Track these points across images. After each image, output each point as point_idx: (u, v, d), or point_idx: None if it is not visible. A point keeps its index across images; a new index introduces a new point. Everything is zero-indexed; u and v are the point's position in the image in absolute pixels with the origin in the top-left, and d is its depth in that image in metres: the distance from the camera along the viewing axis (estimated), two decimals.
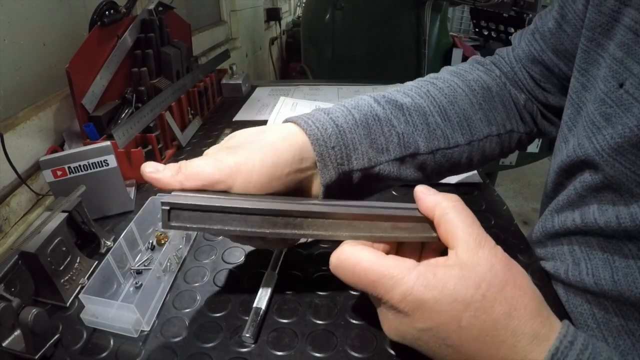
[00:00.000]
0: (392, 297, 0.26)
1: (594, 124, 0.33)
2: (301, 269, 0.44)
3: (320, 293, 0.40)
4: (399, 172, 0.37)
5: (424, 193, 0.30)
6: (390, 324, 0.29)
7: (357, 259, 0.28)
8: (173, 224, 0.29)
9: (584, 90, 0.36)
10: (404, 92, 0.41)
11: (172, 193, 0.30)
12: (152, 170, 0.31)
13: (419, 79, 0.44)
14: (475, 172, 0.61)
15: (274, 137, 0.33)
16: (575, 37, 0.39)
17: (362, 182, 0.36)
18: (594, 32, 0.34)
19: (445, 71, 0.46)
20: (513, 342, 0.24)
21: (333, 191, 0.35)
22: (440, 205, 0.29)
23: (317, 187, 0.34)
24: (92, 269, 0.44)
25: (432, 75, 0.45)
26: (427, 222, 0.30)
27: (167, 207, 0.29)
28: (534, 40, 0.43)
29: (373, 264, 0.27)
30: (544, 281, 0.41)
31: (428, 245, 0.33)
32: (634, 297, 0.30)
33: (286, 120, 0.36)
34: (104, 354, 0.35)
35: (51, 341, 0.34)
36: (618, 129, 0.30)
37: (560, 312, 0.38)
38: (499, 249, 0.27)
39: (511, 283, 0.25)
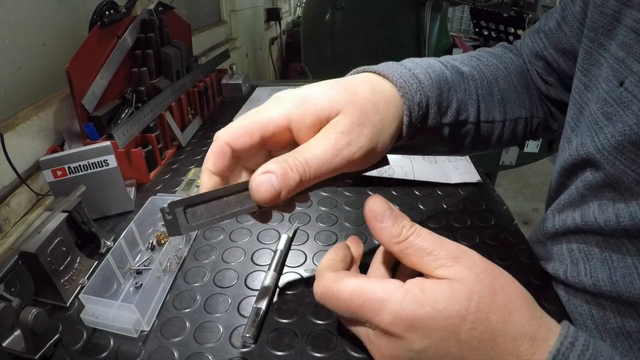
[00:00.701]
0: (381, 320, 0.25)
1: (597, 123, 0.33)
2: (301, 269, 0.44)
3: None
4: (453, 135, 0.37)
5: (377, 224, 0.28)
6: (384, 352, 0.27)
7: (341, 285, 0.27)
8: (193, 224, 0.26)
9: (586, 90, 0.36)
10: (461, 60, 0.41)
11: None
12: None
13: (465, 53, 0.45)
14: (475, 172, 0.61)
15: (352, 92, 0.29)
16: (572, 37, 0.41)
17: (425, 139, 0.36)
18: (596, 33, 0.34)
19: (482, 51, 0.47)
20: (514, 348, 0.24)
21: (402, 145, 0.35)
22: (398, 239, 0.27)
23: (382, 148, 0.30)
24: (92, 269, 0.44)
25: (473, 52, 0.46)
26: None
27: (182, 207, 0.25)
28: (538, 38, 0.46)
29: (356, 287, 0.26)
30: (543, 281, 0.41)
31: (401, 271, 0.32)
32: (632, 297, 0.30)
33: (365, 70, 0.33)
34: (104, 354, 0.35)
35: (51, 341, 0.34)
36: (618, 127, 0.30)
37: (561, 312, 0.38)
38: (476, 255, 0.27)
39: (500, 290, 0.25)
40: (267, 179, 0.24)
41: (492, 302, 0.24)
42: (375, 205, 0.28)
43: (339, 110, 0.27)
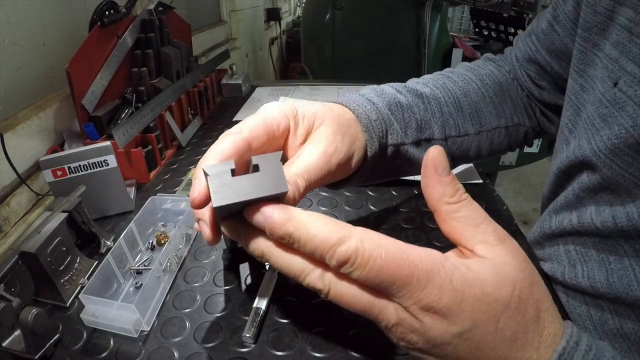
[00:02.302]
0: (428, 294, 0.22)
1: (593, 125, 0.33)
2: None
3: None
4: (419, 155, 0.39)
5: (435, 175, 0.25)
6: (420, 333, 0.23)
7: (382, 250, 0.22)
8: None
9: (582, 91, 0.36)
10: (423, 83, 0.43)
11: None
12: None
13: (437, 72, 0.47)
14: (475, 172, 0.61)
15: (329, 109, 0.34)
16: (565, 37, 0.41)
17: (393, 160, 0.38)
18: (590, 33, 0.34)
19: (461, 66, 0.48)
20: (538, 345, 0.23)
21: (373, 166, 0.36)
22: (451, 199, 0.25)
23: (356, 161, 0.34)
24: (92, 269, 0.44)
25: (448, 69, 0.48)
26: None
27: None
28: (530, 41, 0.46)
29: (403, 253, 0.22)
30: (544, 281, 0.41)
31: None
32: (630, 299, 0.30)
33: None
34: (104, 354, 0.35)
35: (51, 341, 0.34)
36: (614, 130, 0.30)
37: (561, 312, 0.38)
38: (516, 244, 0.25)
39: (536, 284, 0.24)
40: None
41: (531, 295, 0.23)
42: (439, 156, 0.25)
43: (321, 123, 0.31)
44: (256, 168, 0.23)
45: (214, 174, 0.23)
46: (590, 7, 0.34)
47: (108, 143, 0.50)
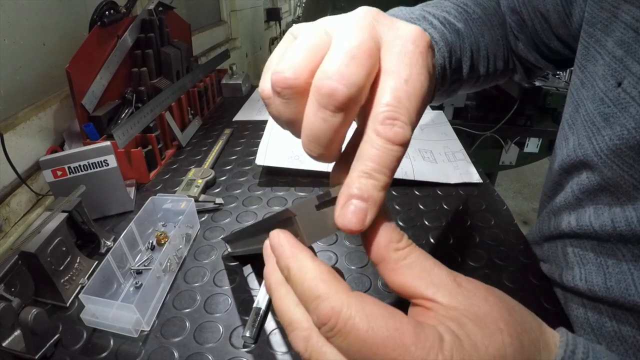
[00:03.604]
0: None
1: (594, 124, 0.32)
2: None
3: None
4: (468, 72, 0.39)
5: (380, 217, 0.21)
6: None
7: (374, 321, 0.18)
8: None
9: (582, 87, 0.36)
10: (454, 15, 0.41)
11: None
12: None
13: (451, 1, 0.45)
14: (475, 172, 0.61)
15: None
16: (549, 3, 0.40)
17: (452, 75, 0.38)
18: (594, 28, 0.34)
19: None
20: None
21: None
22: (399, 244, 0.21)
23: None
24: (92, 269, 0.44)
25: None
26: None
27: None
28: None
29: (396, 331, 0.18)
30: (543, 281, 0.41)
31: None
32: (627, 302, 0.30)
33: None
34: (104, 354, 0.35)
35: (51, 341, 0.34)
36: (616, 130, 0.30)
37: (561, 313, 0.38)
38: (467, 278, 0.22)
39: (512, 309, 0.21)
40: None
41: (515, 325, 0.21)
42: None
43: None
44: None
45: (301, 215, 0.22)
46: (597, 2, 0.33)
47: (108, 143, 0.50)
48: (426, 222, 0.51)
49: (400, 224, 0.51)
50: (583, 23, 0.36)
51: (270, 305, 0.38)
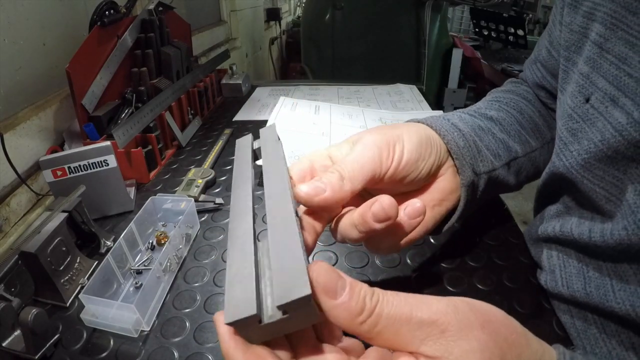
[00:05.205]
0: None
1: (562, 139, 0.33)
2: None
3: None
4: (506, 177, 0.37)
5: (330, 302, 0.19)
6: None
7: None
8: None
9: (560, 107, 0.37)
10: (485, 107, 0.43)
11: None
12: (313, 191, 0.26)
13: (482, 100, 0.47)
14: None
15: (409, 127, 0.32)
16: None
17: (486, 188, 0.35)
18: (569, 51, 0.34)
19: (495, 92, 0.48)
20: None
21: (470, 198, 0.33)
22: (362, 316, 0.19)
23: (447, 185, 0.32)
24: (92, 269, 0.44)
25: (487, 97, 0.47)
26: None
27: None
28: (535, 69, 0.47)
29: None
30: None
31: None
32: (607, 309, 0.30)
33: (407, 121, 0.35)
34: (104, 354, 0.35)
35: (51, 341, 0.34)
36: (584, 144, 0.30)
37: (554, 318, 0.38)
38: (448, 302, 0.20)
39: (502, 341, 0.20)
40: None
41: (508, 344, 0.20)
42: (322, 277, 0.19)
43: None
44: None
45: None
46: (567, 26, 0.34)
47: (108, 143, 0.50)
48: None
49: None
50: (561, 49, 0.36)
51: None
